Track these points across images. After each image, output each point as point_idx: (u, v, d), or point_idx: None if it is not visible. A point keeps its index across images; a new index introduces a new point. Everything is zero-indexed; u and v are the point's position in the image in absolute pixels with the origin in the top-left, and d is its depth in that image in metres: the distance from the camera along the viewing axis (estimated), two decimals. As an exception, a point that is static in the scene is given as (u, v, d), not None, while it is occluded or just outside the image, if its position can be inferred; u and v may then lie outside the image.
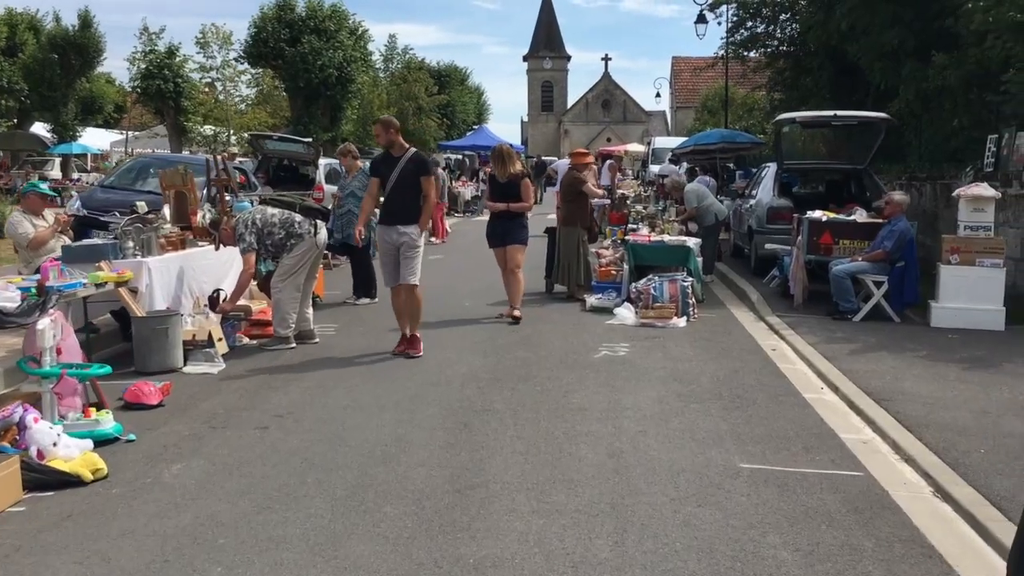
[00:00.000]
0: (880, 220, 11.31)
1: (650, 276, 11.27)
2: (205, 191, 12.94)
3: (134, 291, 8.64)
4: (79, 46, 40.10)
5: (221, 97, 43.40)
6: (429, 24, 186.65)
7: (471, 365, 8.57)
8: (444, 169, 25.10)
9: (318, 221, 9.55)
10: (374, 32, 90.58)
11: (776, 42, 21.97)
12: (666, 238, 11.92)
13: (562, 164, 21.93)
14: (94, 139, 46.01)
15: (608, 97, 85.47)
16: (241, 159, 25.33)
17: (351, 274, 12.74)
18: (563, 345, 9.51)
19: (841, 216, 11.81)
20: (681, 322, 10.59)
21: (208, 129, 42.27)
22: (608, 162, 27.93)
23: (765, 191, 14.36)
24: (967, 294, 10.18)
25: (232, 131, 41.60)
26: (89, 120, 47.20)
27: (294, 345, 9.37)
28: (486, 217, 12.11)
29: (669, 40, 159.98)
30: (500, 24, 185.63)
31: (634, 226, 13.61)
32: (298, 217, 9.46)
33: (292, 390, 7.68)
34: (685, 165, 25.41)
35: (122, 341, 9.30)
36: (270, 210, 9.52)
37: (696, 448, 6.06)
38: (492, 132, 48.94)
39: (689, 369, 8.43)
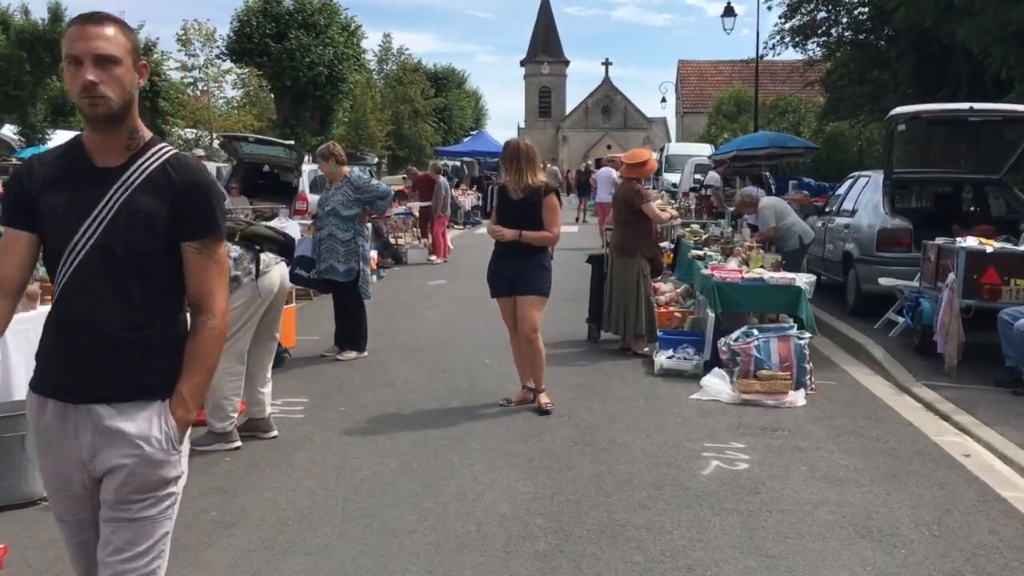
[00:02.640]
0: (1068, 252, 8.19)
1: (747, 328, 8.07)
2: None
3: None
4: (49, 42, 37.02)
5: (211, 100, 40.28)
6: (423, 32, 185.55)
7: (514, 495, 5.33)
8: (444, 176, 21.71)
9: (266, 255, 6.21)
10: (367, 39, 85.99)
11: (841, 27, 18.74)
12: (765, 274, 8.63)
13: (603, 174, 18.74)
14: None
15: (608, 103, 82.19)
16: (219, 165, 22.47)
17: (333, 317, 9.52)
18: (645, 446, 6.28)
19: (1009, 246, 8.60)
20: (799, 398, 7.39)
21: (189, 132, 39.08)
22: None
23: (869, 208, 11.06)
24: None
25: (214, 134, 38.37)
26: (61, 122, 44.00)
27: (238, 444, 6.16)
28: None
29: (661, 48, 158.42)
30: (494, 33, 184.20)
31: (701, 253, 10.36)
32: (235, 251, 5.94)
33: (220, 549, 4.51)
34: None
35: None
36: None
37: None
38: (492, 136, 45.87)
39: (865, 503, 5.22)
